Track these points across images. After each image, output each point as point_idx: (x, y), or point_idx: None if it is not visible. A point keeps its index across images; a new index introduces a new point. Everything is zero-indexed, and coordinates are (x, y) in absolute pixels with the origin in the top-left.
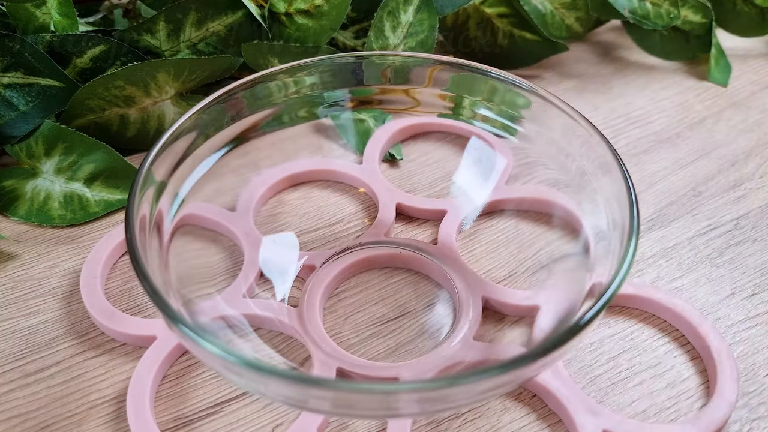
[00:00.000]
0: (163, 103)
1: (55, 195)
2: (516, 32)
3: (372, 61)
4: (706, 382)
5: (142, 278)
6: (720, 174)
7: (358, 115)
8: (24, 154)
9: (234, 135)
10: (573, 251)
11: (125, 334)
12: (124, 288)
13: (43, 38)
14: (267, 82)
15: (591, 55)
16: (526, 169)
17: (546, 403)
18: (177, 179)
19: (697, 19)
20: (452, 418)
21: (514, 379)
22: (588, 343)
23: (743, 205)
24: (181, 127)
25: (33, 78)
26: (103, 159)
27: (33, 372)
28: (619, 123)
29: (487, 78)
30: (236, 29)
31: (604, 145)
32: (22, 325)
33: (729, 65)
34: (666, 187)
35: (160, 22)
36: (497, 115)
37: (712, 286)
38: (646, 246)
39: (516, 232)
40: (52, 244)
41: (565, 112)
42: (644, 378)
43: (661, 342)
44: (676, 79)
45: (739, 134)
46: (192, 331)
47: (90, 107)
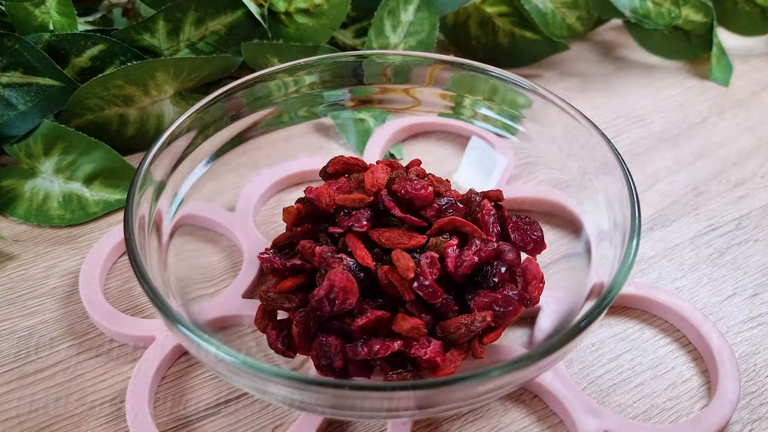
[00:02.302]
0: (162, 103)
1: (54, 195)
2: (517, 31)
3: (372, 61)
4: (708, 382)
5: (141, 279)
6: (721, 174)
7: (358, 114)
8: (23, 153)
9: (233, 134)
10: (574, 251)
11: (124, 334)
12: (123, 288)
13: (42, 37)
14: (267, 81)
15: (592, 55)
16: (527, 168)
17: (547, 404)
18: (176, 179)
19: (698, 19)
20: (452, 419)
21: (515, 380)
22: (589, 343)
23: (745, 204)
24: (180, 127)
25: (32, 77)
26: (102, 159)
27: (32, 372)
28: (620, 122)
29: (488, 77)
30: (236, 28)
31: (605, 145)
32: (21, 326)
33: (730, 64)
34: (667, 187)
35: (160, 21)
36: (498, 115)
37: (714, 287)
38: (647, 246)
39: None
40: (51, 244)
41: (566, 111)
42: (645, 379)
43: (663, 342)
44: (677, 79)
45: (740, 134)
46: (191, 332)
47: (89, 107)
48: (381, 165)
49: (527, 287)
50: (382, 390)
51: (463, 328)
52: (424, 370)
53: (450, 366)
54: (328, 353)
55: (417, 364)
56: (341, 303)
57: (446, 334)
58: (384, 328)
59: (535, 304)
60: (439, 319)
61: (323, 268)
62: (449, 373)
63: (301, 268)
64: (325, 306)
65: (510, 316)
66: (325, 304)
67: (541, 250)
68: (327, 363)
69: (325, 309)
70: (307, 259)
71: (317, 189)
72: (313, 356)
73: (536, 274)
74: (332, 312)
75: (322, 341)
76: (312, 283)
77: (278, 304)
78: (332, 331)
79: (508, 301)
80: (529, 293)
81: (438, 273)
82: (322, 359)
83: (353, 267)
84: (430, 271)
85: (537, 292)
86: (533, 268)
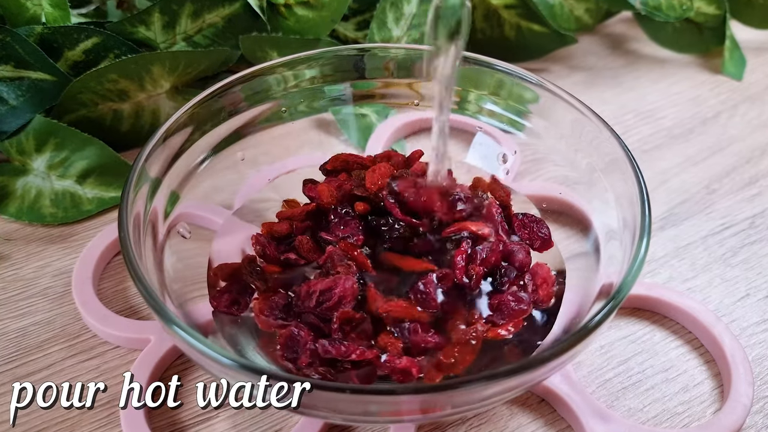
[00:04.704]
0: (158, 98)
1: (47, 192)
2: (523, 24)
3: (374, 54)
4: (720, 386)
5: (137, 279)
6: (734, 171)
7: (360, 109)
8: (14, 150)
9: (231, 130)
10: (582, 250)
11: (119, 336)
12: (117, 288)
13: (33, 30)
14: (265, 75)
15: (601, 48)
16: (534, 165)
17: (554, 408)
18: (172, 176)
19: (710, 11)
20: (457, 423)
21: (521, 383)
22: (598, 345)
23: (759, 202)
24: (176, 123)
25: (24, 71)
26: (96, 155)
27: (23, 375)
28: (630, 118)
29: (494, 71)
30: (234, 21)
31: (614, 141)
32: (12, 327)
33: (744, 58)
34: (678, 185)
35: (155, 13)
36: (504, 110)
37: (727, 287)
38: (658, 245)
39: None
40: (44, 243)
41: (574, 106)
42: (656, 382)
43: (674, 345)
44: (688, 73)
45: (754, 129)
46: (188, 334)
47: (82, 101)
48: (383, 164)
49: (537, 290)
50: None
51: (472, 332)
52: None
53: (459, 366)
54: (296, 347)
55: (392, 371)
56: (331, 306)
57: (452, 335)
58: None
59: (547, 306)
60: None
61: (328, 267)
62: (457, 373)
63: (295, 263)
64: (312, 301)
65: (519, 315)
66: (313, 299)
67: (548, 248)
68: (293, 357)
69: (309, 304)
70: (302, 255)
71: (318, 187)
72: (281, 343)
73: (547, 278)
74: (313, 310)
75: (293, 333)
76: (292, 281)
77: (253, 278)
78: (306, 324)
79: (519, 300)
80: (540, 296)
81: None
82: (289, 351)
83: (358, 278)
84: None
85: (547, 296)
86: (543, 272)
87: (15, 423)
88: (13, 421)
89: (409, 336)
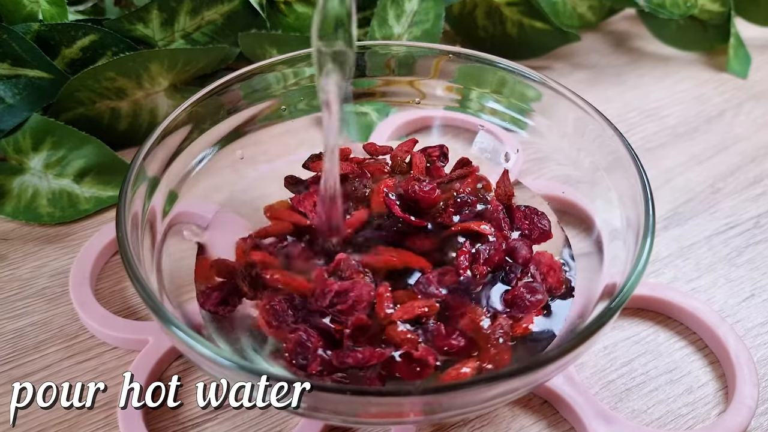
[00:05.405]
0: (156, 96)
1: (44, 191)
2: (526, 21)
3: (375, 51)
4: (725, 387)
5: (134, 279)
6: (739, 170)
7: (360, 107)
8: (11, 148)
9: (230, 129)
10: (585, 250)
11: (116, 336)
12: (115, 289)
13: (30, 27)
14: (265, 73)
15: (604, 46)
16: (537, 164)
17: (557, 410)
18: (171, 175)
19: (715, 8)
20: (459, 425)
21: (524, 385)
22: (601, 346)
23: (764, 202)
24: (174, 121)
25: (20, 69)
26: (94, 154)
27: (20, 377)
28: (634, 116)
29: (496, 69)
30: (233, 18)
31: (617, 140)
32: (9, 328)
33: (749, 56)
34: (683, 184)
35: (153, 10)
36: (506, 108)
37: (731, 287)
38: (661, 245)
39: None
40: (40, 242)
41: (577, 105)
42: (660, 383)
43: (678, 346)
44: (693, 71)
45: (759, 128)
46: (186, 334)
47: (80, 100)
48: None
49: (546, 279)
50: (387, 395)
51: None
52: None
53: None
54: (306, 353)
55: (410, 360)
56: (345, 309)
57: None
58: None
59: (560, 291)
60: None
61: (341, 273)
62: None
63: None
64: (325, 300)
65: (537, 305)
66: (327, 298)
67: (547, 239)
68: (302, 363)
69: (322, 303)
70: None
71: (304, 203)
72: (290, 349)
73: (552, 265)
74: (323, 309)
75: (302, 338)
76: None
77: (243, 278)
78: (315, 327)
79: (533, 291)
80: (550, 284)
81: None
82: (298, 357)
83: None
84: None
85: (557, 282)
86: (546, 259)
87: (15, 423)
88: (13, 422)
89: (433, 340)
